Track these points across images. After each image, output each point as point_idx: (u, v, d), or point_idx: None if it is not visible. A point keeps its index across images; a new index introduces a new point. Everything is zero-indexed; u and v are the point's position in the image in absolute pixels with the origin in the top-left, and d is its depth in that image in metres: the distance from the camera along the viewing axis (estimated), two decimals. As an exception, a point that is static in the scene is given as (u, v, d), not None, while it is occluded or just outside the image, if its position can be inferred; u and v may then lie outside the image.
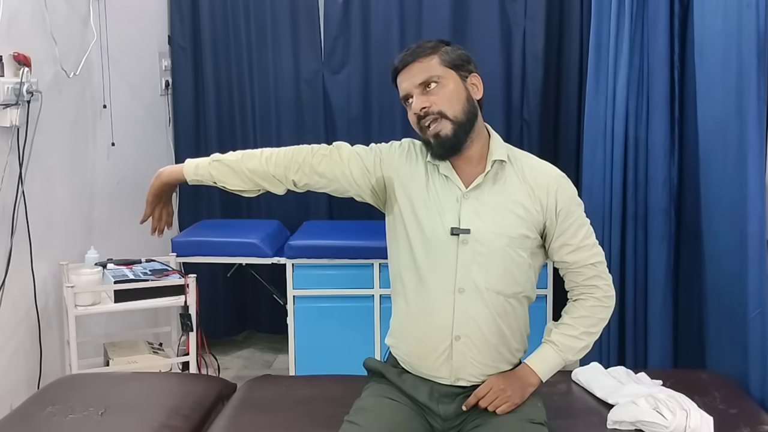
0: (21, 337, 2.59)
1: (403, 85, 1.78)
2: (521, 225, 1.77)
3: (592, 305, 1.82)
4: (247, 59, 3.67)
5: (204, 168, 1.86)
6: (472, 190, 1.78)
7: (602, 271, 1.84)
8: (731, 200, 2.23)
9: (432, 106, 1.73)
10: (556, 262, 1.84)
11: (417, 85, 1.75)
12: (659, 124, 2.59)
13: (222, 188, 1.89)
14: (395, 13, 3.55)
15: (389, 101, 3.61)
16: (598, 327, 1.84)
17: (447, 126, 1.73)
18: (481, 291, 1.75)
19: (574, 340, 1.81)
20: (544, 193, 1.78)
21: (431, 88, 1.75)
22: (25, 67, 2.47)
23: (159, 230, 1.95)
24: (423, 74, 1.75)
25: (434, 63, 1.76)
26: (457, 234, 1.75)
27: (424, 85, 1.75)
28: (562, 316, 1.86)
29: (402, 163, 1.84)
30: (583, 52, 3.44)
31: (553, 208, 1.78)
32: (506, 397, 1.73)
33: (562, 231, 1.79)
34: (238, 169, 1.85)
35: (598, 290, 1.83)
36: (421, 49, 1.78)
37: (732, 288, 2.24)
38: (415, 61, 1.76)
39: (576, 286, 1.84)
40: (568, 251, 1.81)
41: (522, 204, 1.77)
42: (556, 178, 1.81)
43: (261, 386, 2.17)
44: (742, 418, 1.90)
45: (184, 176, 1.88)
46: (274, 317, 3.69)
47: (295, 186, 1.88)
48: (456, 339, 1.76)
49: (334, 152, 1.86)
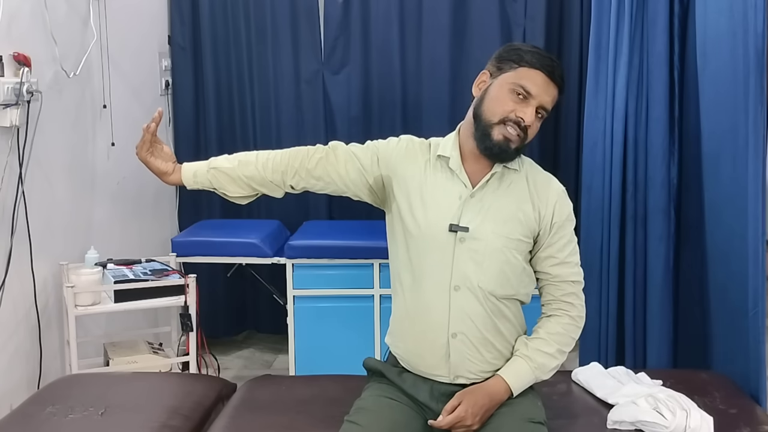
0: (21, 337, 2.59)
1: (536, 88, 1.72)
2: (520, 229, 1.78)
3: (567, 323, 1.83)
4: (247, 59, 3.67)
5: (203, 176, 1.87)
6: (477, 190, 1.78)
7: (579, 290, 1.85)
8: (731, 200, 2.23)
9: (530, 128, 1.74)
10: (538, 272, 1.84)
11: (541, 104, 1.73)
12: (659, 124, 2.59)
13: (222, 195, 1.90)
14: (395, 13, 3.55)
15: (389, 101, 3.62)
16: (569, 347, 1.84)
17: (517, 144, 1.74)
18: (476, 289, 1.76)
19: (549, 358, 1.80)
20: (544, 204, 1.80)
21: (539, 115, 1.75)
22: (25, 67, 2.47)
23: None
24: (549, 101, 1.75)
25: (555, 98, 1.76)
26: (455, 231, 1.75)
27: (542, 108, 1.74)
28: (535, 331, 1.84)
29: (400, 160, 1.84)
30: (583, 52, 3.44)
31: (549, 220, 1.80)
32: (466, 426, 1.71)
33: (551, 243, 1.81)
34: (235, 176, 1.86)
35: (574, 308, 1.84)
36: (563, 79, 1.76)
37: (731, 288, 2.25)
38: (557, 85, 1.75)
39: (553, 300, 1.84)
40: (552, 263, 1.82)
41: (523, 209, 1.79)
42: (557, 192, 1.84)
43: (261, 386, 2.17)
44: (742, 418, 1.91)
45: (183, 183, 1.89)
46: (274, 317, 3.69)
47: (293, 189, 1.89)
48: (452, 336, 1.77)
49: (330, 154, 1.86)
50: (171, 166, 1.89)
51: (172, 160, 1.90)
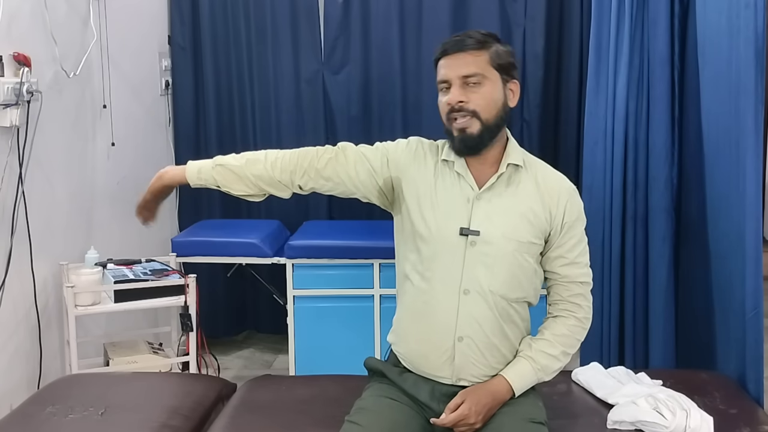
0: (21, 337, 2.59)
1: (445, 71, 1.72)
2: (530, 231, 1.76)
3: (573, 324, 1.82)
4: (247, 59, 3.67)
5: (207, 172, 1.84)
6: (485, 191, 1.77)
7: (587, 292, 1.84)
8: (731, 200, 2.23)
9: (469, 103, 1.71)
10: (547, 272, 1.83)
11: (460, 76, 1.71)
12: (659, 124, 2.59)
13: (226, 192, 1.87)
14: (395, 13, 3.55)
15: (389, 101, 3.62)
16: (574, 348, 1.84)
17: (476, 126, 1.72)
18: (486, 293, 1.75)
19: (552, 360, 1.80)
20: (554, 203, 1.78)
21: (472, 84, 1.71)
22: (25, 67, 2.47)
23: (150, 219, 1.94)
24: (469, 68, 1.71)
25: (483, 59, 1.72)
26: (466, 235, 1.74)
27: (466, 78, 1.71)
28: (540, 332, 1.84)
29: (410, 162, 1.82)
30: (583, 52, 3.44)
31: (560, 219, 1.78)
32: (469, 424, 1.71)
33: (562, 243, 1.80)
34: (242, 175, 1.83)
35: (581, 310, 1.83)
36: (473, 41, 1.72)
37: (731, 288, 2.25)
38: (464, 51, 1.71)
39: (560, 300, 1.83)
40: (562, 263, 1.81)
41: (533, 210, 1.77)
42: (568, 190, 1.82)
43: (261, 386, 2.17)
44: (742, 418, 1.90)
45: (187, 180, 1.86)
46: (274, 317, 3.69)
47: (301, 189, 1.86)
48: (459, 340, 1.76)
49: (339, 154, 1.83)
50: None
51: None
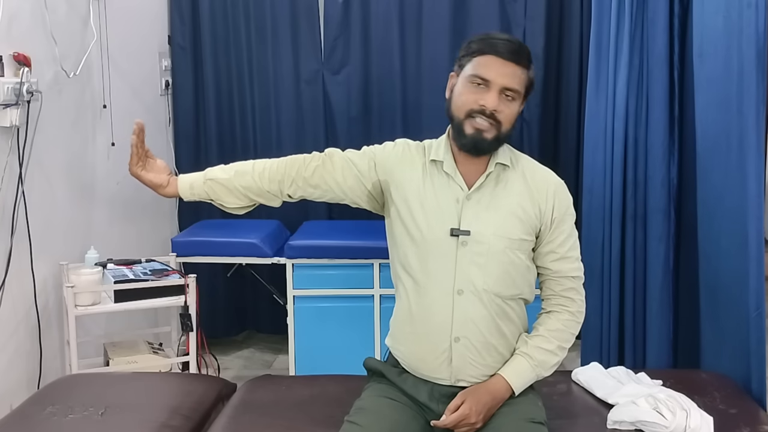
0: (21, 337, 2.59)
1: (490, 72, 1.71)
2: (521, 228, 1.77)
3: (567, 319, 1.83)
4: (247, 59, 3.67)
5: (199, 188, 1.86)
6: (474, 191, 1.77)
7: (580, 286, 1.85)
8: (731, 201, 2.23)
9: (500, 114, 1.72)
10: (539, 267, 1.84)
11: (503, 86, 1.71)
12: (659, 124, 2.59)
13: (220, 206, 1.89)
14: (395, 13, 3.55)
15: (389, 101, 3.61)
16: (569, 342, 1.84)
17: (493, 133, 1.73)
18: (480, 292, 1.75)
19: (549, 355, 1.80)
20: (543, 198, 1.79)
21: (508, 97, 1.72)
22: (25, 67, 2.47)
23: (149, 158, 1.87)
24: (514, 81, 1.72)
25: (524, 78, 1.74)
26: (457, 235, 1.75)
27: (507, 90, 1.72)
28: (535, 328, 1.85)
29: (397, 164, 1.83)
30: (583, 52, 3.44)
31: (549, 214, 1.79)
32: (470, 424, 1.72)
33: (552, 239, 1.81)
34: (231, 187, 1.85)
35: (573, 304, 1.84)
36: (524, 56, 1.74)
37: (732, 288, 2.24)
38: (517, 64, 1.73)
39: (553, 296, 1.84)
40: (553, 259, 1.81)
41: (522, 206, 1.78)
42: (556, 184, 1.82)
43: (261, 386, 2.17)
44: (742, 418, 1.90)
45: (180, 195, 1.87)
46: (274, 317, 3.69)
47: (291, 198, 1.88)
48: (455, 341, 1.76)
49: (326, 161, 1.85)
50: (165, 179, 1.86)
51: (166, 172, 1.87)
